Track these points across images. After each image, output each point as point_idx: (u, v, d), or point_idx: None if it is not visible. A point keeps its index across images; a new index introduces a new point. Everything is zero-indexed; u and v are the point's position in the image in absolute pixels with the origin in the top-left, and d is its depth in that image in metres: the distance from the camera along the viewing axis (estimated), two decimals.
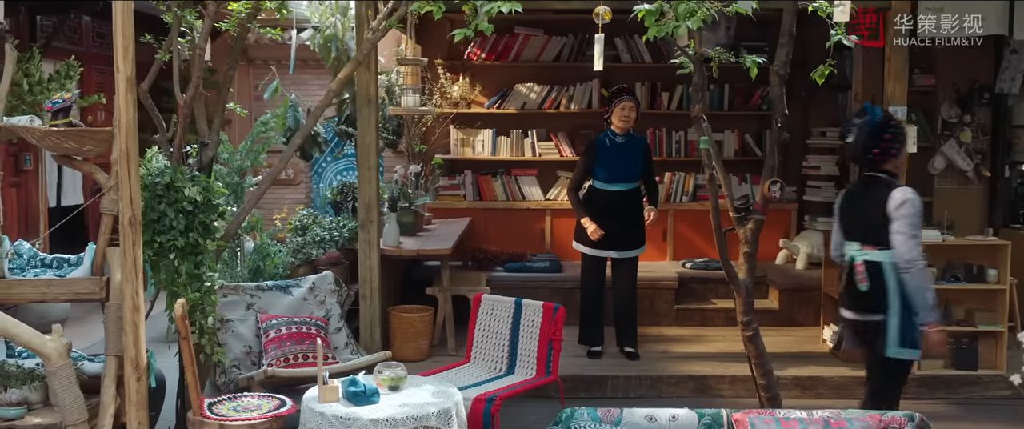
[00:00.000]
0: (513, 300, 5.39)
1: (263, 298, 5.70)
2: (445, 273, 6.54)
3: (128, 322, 3.94)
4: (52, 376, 3.85)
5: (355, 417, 4.09)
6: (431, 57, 8.42)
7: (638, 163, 6.34)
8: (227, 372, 5.45)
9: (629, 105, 6.26)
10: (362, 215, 6.11)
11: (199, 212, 4.48)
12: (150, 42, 5.17)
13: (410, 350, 6.28)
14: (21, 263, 4.53)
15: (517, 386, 5.00)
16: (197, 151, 5.16)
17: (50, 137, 4.20)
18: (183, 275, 4.47)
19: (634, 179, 6.36)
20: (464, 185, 8.40)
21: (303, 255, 6.49)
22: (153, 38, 5.22)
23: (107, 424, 4.04)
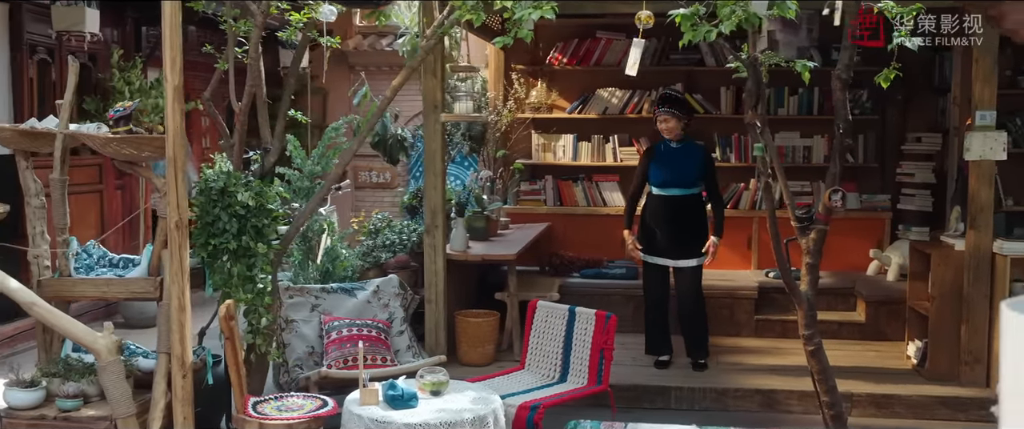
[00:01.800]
0: (567, 308, 5.35)
1: (328, 300, 5.84)
2: (512, 278, 6.54)
3: (174, 321, 4.10)
4: (102, 371, 4.04)
5: (390, 420, 4.14)
6: (514, 62, 8.46)
7: (694, 169, 6.22)
8: (290, 371, 5.61)
9: (663, 116, 6.21)
10: (428, 220, 6.18)
11: (252, 216, 4.61)
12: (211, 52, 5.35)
13: (476, 355, 6.31)
14: (91, 262, 4.77)
15: (564, 395, 4.95)
16: (260, 157, 5.32)
17: (111, 143, 4.41)
18: (235, 277, 4.61)
19: (690, 185, 6.23)
20: (545, 190, 8.39)
21: (372, 258, 6.60)
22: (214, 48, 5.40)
23: (157, 419, 4.21)
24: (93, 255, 4.81)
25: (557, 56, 8.35)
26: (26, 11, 7.25)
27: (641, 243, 6.32)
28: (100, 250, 4.89)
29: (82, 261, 4.72)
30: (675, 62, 8.16)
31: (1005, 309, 1.46)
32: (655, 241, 6.28)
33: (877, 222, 8.02)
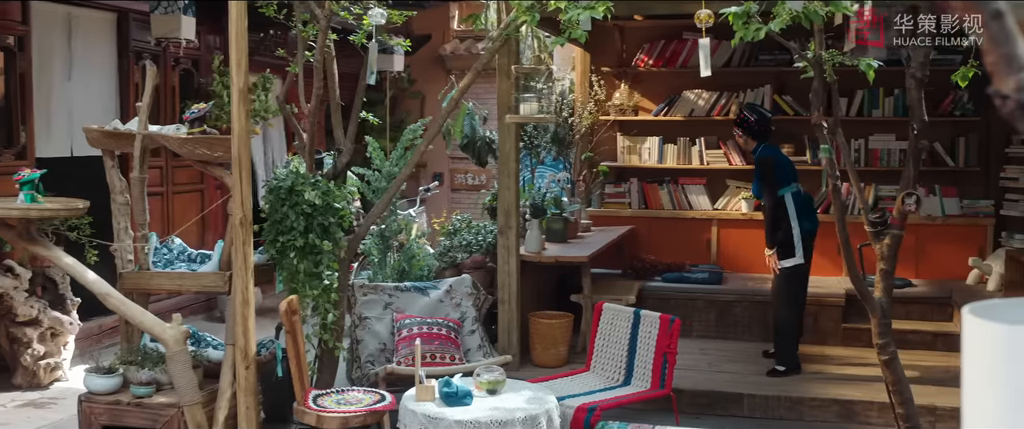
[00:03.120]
0: (632, 310, 5.31)
1: (401, 298, 5.95)
2: (586, 280, 6.52)
3: (238, 314, 4.26)
4: (170, 360, 4.24)
5: (443, 417, 4.20)
6: (601, 64, 8.43)
7: (755, 179, 6.38)
8: (362, 367, 5.75)
9: (737, 132, 6.49)
10: (501, 221, 6.22)
11: (318, 215, 4.76)
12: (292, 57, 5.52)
13: (549, 356, 6.32)
14: (171, 257, 5.01)
15: (624, 398, 4.92)
16: (333, 157, 5.48)
17: (186, 144, 4.62)
18: (302, 273, 4.76)
19: (758, 194, 6.38)
20: (630, 193, 8.33)
21: (449, 258, 6.69)
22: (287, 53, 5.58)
23: (223, 408, 4.39)
24: (173, 250, 5.04)
25: (643, 58, 8.27)
26: (132, 19, 7.65)
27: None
28: (181, 245, 5.12)
29: (163, 256, 4.96)
30: (763, 63, 7.97)
31: (967, 314, 1.40)
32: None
33: (978, 229, 7.65)
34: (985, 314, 1.38)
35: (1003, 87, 1.22)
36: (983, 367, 1.39)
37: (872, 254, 4.83)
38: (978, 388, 1.41)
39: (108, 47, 7.61)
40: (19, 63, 6.64)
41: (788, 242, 6.09)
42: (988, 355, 1.38)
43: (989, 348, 1.38)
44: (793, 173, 6.22)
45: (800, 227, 6.08)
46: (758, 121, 6.33)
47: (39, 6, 6.83)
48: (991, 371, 1.38)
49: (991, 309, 1.41)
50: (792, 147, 7.83)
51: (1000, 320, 1.36)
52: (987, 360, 1.38)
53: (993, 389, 1.38)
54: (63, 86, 7.18)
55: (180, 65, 8.42)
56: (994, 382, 1.38)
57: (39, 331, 6.24)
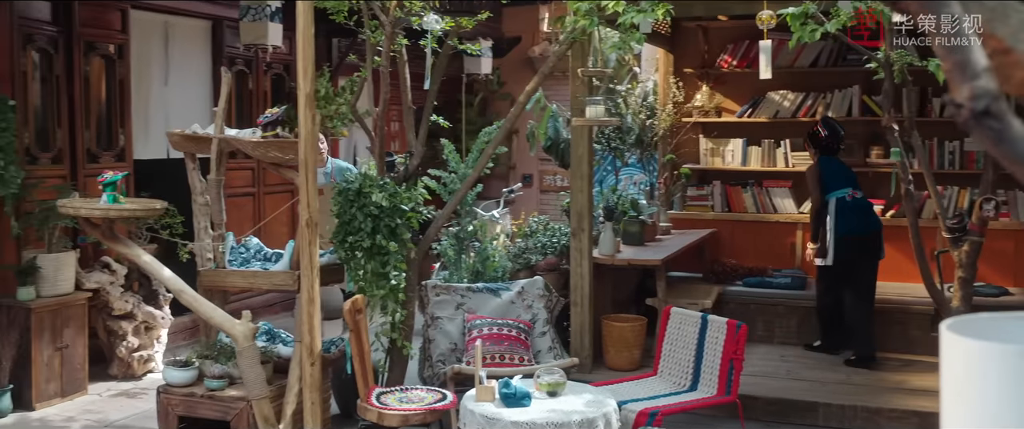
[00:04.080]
0: (700, 315, 5.24)
1: (473, 299, 6.02)
2: (661, 284, 6.47)
3: (304, 312, 4.40)
4: (239, 355, 4.41)
5: (500, 418, 4.24)
6: (683, 66, 8.34)
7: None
8: (433, 366, 5.84)
9: (806, 142, 6.90)
10: (574, 224, 6.23)
11: (385, 216, 4.87)
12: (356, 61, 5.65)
13: (622, 359, 6.30)
14: (248, 256, 5.20)
15: (688, 403, 4.86)
16: (405, 159, 5.59)
17: (260, 147, 4.80)
18: (369, 273, 4.88)
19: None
20: (712, 196, 8.21)
21: (523, 260, 6.73)
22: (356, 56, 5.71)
23: (291, 402, 4.53)
24: (250, 249, 5.23)
25: (726, 58, 8.15)
26: (226, 26, 7.95)
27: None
28: (257, 244, 5.31)
29: (239, 254, 5.15)
30: (851, 63, 7.74)
31: (945, 331, 1.36)
32: None
33: None
34: (962, 330, 1.34)
35: (957, 95, 1.19)
36: (958, 384, 1.35)
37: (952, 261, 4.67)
38: (955, 405, 1.37)
39: (203, 53, 7.94)
40: (118, 70, 6.99)
41: (824, 244, 6.47)
42: (963, 371, 1.34)
43: (964, 364, 1.34)
44: (845, 179, 6.54)
45: (836, 231, 6.38)
46: (828, 136, 6.68)
47: (138, 15, 7.17)
48: (967, 388, 1.34)
49: (970, 325, 1.37)
50: (881, 149, 7.59)
51: (977, 336, 1.32)
52: (962, 376, 1.34)
53: (969, 406, 1.34)
54: (160, 91, 7.53)
55: (272, 70, 8.70)
56: (970, 399, 1.33)
57: (133, 325, 6.56)
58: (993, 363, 1.29)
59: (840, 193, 6.46)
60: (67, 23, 6.57)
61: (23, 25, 6.26)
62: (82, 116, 6.69)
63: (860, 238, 6.42)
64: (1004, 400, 1.27)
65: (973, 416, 1.34)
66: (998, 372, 1.28)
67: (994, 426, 1.30)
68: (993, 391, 1.29)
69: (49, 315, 5.89)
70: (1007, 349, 1.27)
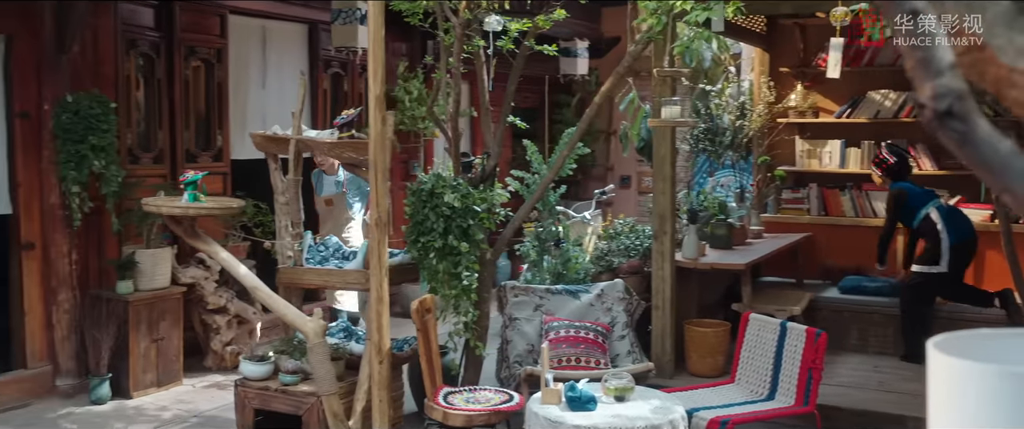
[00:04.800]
0: (779, 322, 5.08)
1: (551, 301, 6.00)
2: (745, 289, 6.30)
3: (373, 311, 4.46)
4: (310, 351, 4.50)
5: (563, 421, 4.21)
6: (779, 65, 8.11)
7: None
8: (510, 367, 5.84)
9: (875, 171, 6.85)
10: (656, 226, 6.13)
11: (457, 217, 4.89)
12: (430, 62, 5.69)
13: (705, 365, 6.16)
14: (327, 254, 5.31)
15: (763, 413, 4.71)
16: (483, 160, 5.60)
17: (335, 148, 4.90)
18: (441, 273, 4.91)
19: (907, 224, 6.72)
20: (809, 199, 7.94)
21: (605, 262, 6.65)
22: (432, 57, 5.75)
23: (361, 399, 4.61)
24: (329, 247, 5.34)
25: (824, 57, 7.86)
26: (321, 30, 8.15)
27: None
28: (336, 243, 5.41)
29: (319, 253, 5.27)
30: None
31: (932, 349, 1.27)
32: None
33: None
34: (948, 349, 1.25)
35: (920, 94, 1.11)
36: (942, 403, 1.26)
37: None
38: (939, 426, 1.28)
39: (299, 56, 8.16)
40: (217, 73, 7.25)
41: (935, 252, 6.31)
42: (946, 391, 1.25)
43: (946, 384, 1.25)
44: (927, 193, 6.57)
45: (950, 238, 6.24)
46: (898, 163, 6.71)
47: (236, 20, 7.43)
48: (950, 408, 1.24)
49: (957, 342, 1.27)
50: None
51: (961, 355, 1.23)
52: (945, 396, 1.25)
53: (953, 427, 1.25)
54: (258, 93, 7.77)
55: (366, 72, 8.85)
56: (953, 420, 1.24)
57: (227, 319, 6.80)
58: (973, 383, 1.20)
59: (934, 203, 6.43)
60: (169, 28, 6.85)
61: (127, 31, 6.56)
62: (182, 118, 6.97)
63: (968, 242, 6.34)
64: (985, 421, 1.18)
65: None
66: (978, 392, 1.19)
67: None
68: (973, 411, 1.20)
69: (146, 308, 6.16)
70: (987, 369, 1.18)
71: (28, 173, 5.98)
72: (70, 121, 5.86)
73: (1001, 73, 1.09)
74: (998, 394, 1.17)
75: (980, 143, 1.06)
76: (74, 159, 5.89)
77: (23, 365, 6.03)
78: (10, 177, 5.94)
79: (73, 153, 5.88)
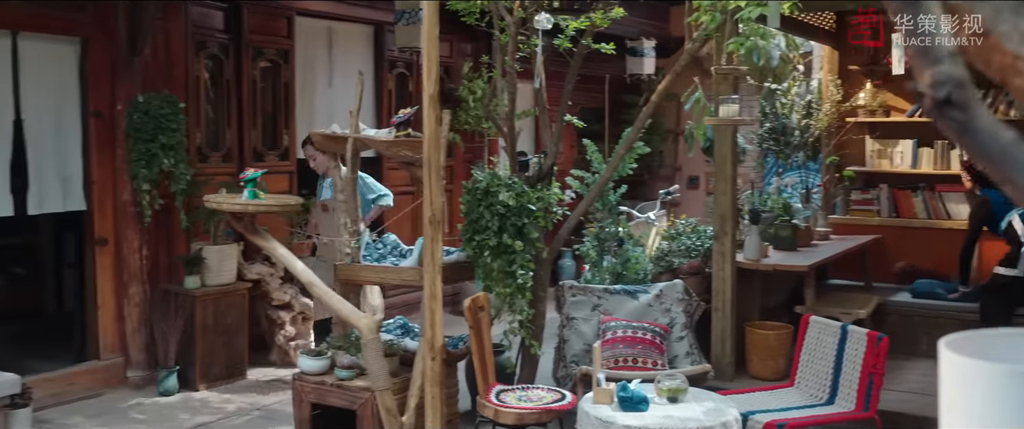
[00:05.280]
0: (839, 325, 4.97)
1: (609, 301, 5.96)
2: (809, 291, 6.17)
3: (426, 308, 4.49)
4: (365, 347, 4.56)
5: (613, 422, 4.18)
6: (848, 63, 7.93)
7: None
8: (567, 366, 5.83)
9: (965, 176, 6.75)
10: (717, 226, 6.05)
11: (512, 215, 4.89)
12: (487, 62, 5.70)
13: (766, 368, 6.05)
14: (384, 252, 5.38)
15: (820, 417, 4.61)
16: (540, 159, 5.60)
17: (392, 146, 4.96)
18: (496, 271, 4.92)
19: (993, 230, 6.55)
20: (879, 200, 7.74)
21: (665, 263, 6.59)
22: (487, 57, 5.76)
23: (414, 395, 4.65)
24: (387, 245, 5.40)
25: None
26: (387, 30, 8.25)
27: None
28: (395, 241, 5.48)
29: (376, 250, 5.33)
30: None
31: (943, 348, 1.24)
32: None
33: None
34: (960, 348, 1.21)
35: (920, 82, 1.07)
36: (954, 403, 1.22)
37: None
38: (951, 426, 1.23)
39: (365, 57, 8.27)
40: (283, 73, 7.40)
41: (1015, 255, 6.15)
42: (957, 390, 1.21)
43: (956, 383, 1.21)
44: (1010, 203, 6.35)
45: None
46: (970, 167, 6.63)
47: (303, 21, 7.57)
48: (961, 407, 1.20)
49: (969, 342, 1.23)
50: None
51: (973, 354, 1.18)
52: (957, 396, 1.21)
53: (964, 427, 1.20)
54: (325, 93, 7.90)
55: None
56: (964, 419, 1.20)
57: (291, 314, 6.93)
58: (983, 382, 1.15)
59: (1018, 211, 6.27)
60: (237, 30, 7.02)
61: (197, 33, 6.74)
62: (249, 117, 7.13)
63: None
64: (995, 420, 1.14)
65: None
66: (988, 392, 1.15)
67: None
68: (983, 411, 1.16)
69: (212, 303, 6.31)
70: (997, 368, 1.14)
71: (102, 171, 6.19)
72: (141, 121, 6.04)
73: (1006, 61, 1.05)
74: (1008, 393, 1.13)
75: (980, 132, 1.03)
76: (145, 157, 6.07)
77: (96, 356, 6.25)
78: (85, 175, 6.16)
79: (144, 152, 6.06)
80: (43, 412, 5.65)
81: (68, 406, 5.87)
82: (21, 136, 5.84)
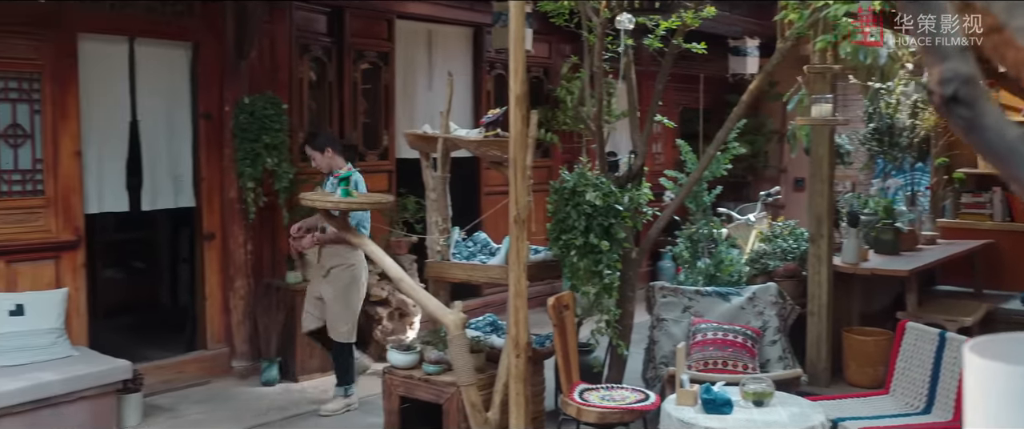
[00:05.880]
0: (937, 332, 4.79)
1: (700, 303, 5.91)
2: (911, 297, 5.97)
3: (511, 306, 4.55)
4: (451, 343, 4.65)
5: (695, 424, 4.16)
6: None
7: None
8: (656, 367, 5.81)
9: None
10: (812, 229, 5.92)
11: (599, 215, 4.91)
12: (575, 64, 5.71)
13: (865, 375, 5.89)
14: (474, 249, 5.46)
15: (914, 426, 4.47)
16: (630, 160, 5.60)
17: (481, 146, 5.04)
18: (582, 271, 4.95)
19: None
20: (991, 203, 7.42)
21: (760, 265, 6.48)
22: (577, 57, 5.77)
23: (499, 391, 4.71)
24: (477, 243, 5.49)
25: None
26: (485, 33, 8.36)
27: None
28: (485, 239, 5.56)
29: (466, 248, 5.42)
30: None
31: (967, 352, 1.22)
32: None
33: None
34: (983, 350, 1.19)
35: (930, 79, 1.07)
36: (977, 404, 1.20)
37: None
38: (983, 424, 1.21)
39: (464, 58, 8.40)
40: (384, 75, 7.59)
41: None
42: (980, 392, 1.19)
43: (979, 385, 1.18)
44: None
45: None
46: None
47: (403, 24, 7.75)
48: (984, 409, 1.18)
49: (994, 344, 1.20)
50: None
51: (996, 357, 1.16)
52: (979, 397, 1.19)
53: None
54: (425, 95, 8.07)
55: (531, 73, 9.00)
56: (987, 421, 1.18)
57: (388, 310, 7.09)
58: (1006, 384, 1.13)
59: None
60: (339, 34, 7.24)
61: (301, 37, 6.99)
62: (350, 118, 7.35)
63: None
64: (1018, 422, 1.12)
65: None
66: (1011, 394, 1.13)
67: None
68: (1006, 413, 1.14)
69: None
70: (1016, 371, 1.11)
71: (210, 169, 6.49)
72: (246, 121, 6.30)
73: (1020, 56, 1.04)
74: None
75: (986, 129, 1.01)
76: (250, 157, 6.33)
77: (203, 346, 6.55)
78: (194, 173, 6.47)
79: (249, 151, 6.32)
80: (154, 397, 5.96)
81: (177, 392, 6.18)
82: (137, 137, 6.17)
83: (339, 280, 5.83)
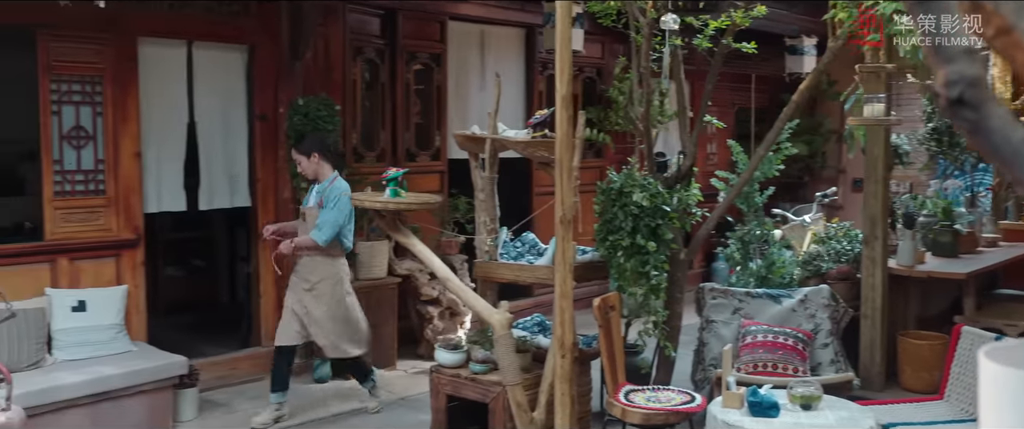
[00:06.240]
0: (994, 336, 4.68)
1: (751, 304, 5.85)
2: (968, 301, 5.84)
3: (557, 306, 4.56)
4: (497, 342, 4.68)
5: (740, 426, 4.13)
6: None
7: None
8: (705, 369, 5.77)
9: None
10: (867, 231, 5.83)
11: (646, 216, 4.90)
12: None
13: (920, 380, 5.78)
14: (523, 250, 5.48)
15: None
16: (679, 160, 5.57)
17: (529, 147, 5.06)
18: (629, 272, 4.94)
19: None
20: None
21: (813, 267, 6.39)
22: (625, 57, 5.75)
23: (544, 391, 4.73)
24: (525, 243, 5.51)
25: None
26: (537, 33, 8.38)
27: None
28: (533, 239, 5.57)
29: (514, 248, 5.45)
30: None
31: (982, 358, 1.21)
32: None
33: None
34: (998, 357, 1.17)
35: (936, 81, 1.06)
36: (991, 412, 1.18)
37: None
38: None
39: (517, 59, 8.43)
40: (436, 76, 7.65)
41: None
42: (994, 399, 1.17)
43: (994, 392, 1.17)
44: None
45: None
46: None
47: (455, 26, 7.80)
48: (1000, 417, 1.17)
49: (1009, 351, 1.19)
50: None
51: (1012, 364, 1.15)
52: (995, 404, 1.18)
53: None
54: (477, 96, 8.11)
55: (583, 73, 9.01)
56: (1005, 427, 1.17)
57: (439, 309, 7.16)
58: (1015, 390, 1.12)
59: None
60: (392, 35, 7.32)
61: (355, 39, 7.08)
62: (403, 119, 7.42)
63: None
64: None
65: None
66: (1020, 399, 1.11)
67: None
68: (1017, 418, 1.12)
69: (363, 296, 6.58)
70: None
71: (265, 170, 6.61)
72: (300, 123, 6.41)
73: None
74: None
75: (992, 132, 1.01)
76: None
77: (258, 343, 6.67)
78: (250, 173, 6.59)
79: None
80: (209, 392, 6.10)
81: (231, 388, 6.31)
82: (194, 137, 6.32)
83: (331, 296, 5.70)
